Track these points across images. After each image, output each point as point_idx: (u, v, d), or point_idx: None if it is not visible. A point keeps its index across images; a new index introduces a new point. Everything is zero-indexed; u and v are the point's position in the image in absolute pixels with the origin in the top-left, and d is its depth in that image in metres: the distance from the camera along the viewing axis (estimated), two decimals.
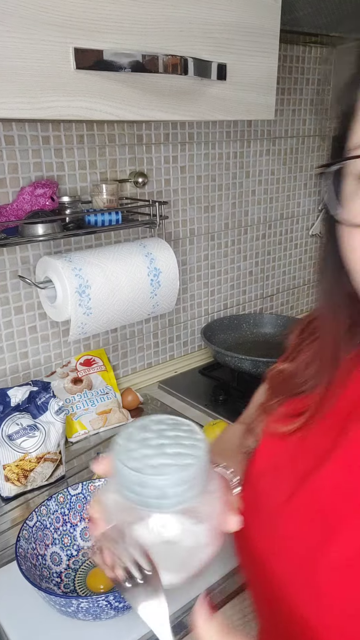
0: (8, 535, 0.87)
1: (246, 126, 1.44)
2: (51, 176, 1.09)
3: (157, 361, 1.44)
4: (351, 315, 0.50)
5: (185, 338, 1.49)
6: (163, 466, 0.35)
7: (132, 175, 1.22)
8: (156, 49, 0.78)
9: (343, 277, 0.45)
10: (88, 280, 1.01)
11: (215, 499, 0.39)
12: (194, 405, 1.26)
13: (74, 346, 1.24)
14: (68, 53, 0.70)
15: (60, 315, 1.04)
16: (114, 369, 1.31)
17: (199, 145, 1.34)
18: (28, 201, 1.02)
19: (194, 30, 0.82)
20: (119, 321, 1.11)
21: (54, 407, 0.98)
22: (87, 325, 1.05)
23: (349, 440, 0.47)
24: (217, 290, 1.53)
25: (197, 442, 0.37)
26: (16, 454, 0.93)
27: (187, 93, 0.86)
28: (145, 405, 1.27)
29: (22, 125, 1.03)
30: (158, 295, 1.13)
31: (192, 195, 1.37)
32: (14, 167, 1.04)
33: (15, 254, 1.08)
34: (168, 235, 1.34)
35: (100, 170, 1.17)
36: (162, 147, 1.27)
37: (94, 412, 1.17)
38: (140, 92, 0.80)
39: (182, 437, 0.37)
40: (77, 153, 1.12)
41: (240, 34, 0.88)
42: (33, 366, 1.18)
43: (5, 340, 1.12)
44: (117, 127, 1.17)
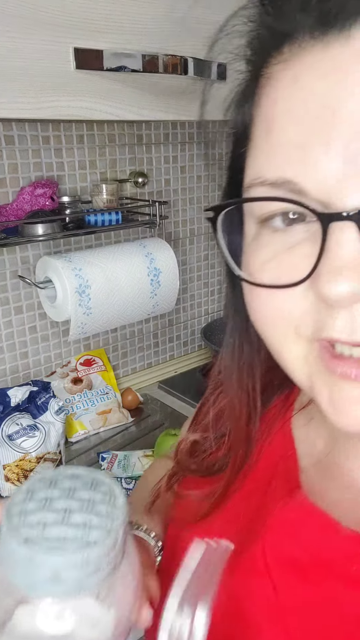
0: None
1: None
2: (51, 176, 1.09)
3: (157, 361, 1.44)
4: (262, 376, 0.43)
5: (185, 338, 1.49)
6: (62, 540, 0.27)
7: (132, 175, 1.22)
8: (156, 49, 0.78)
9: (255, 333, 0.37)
10: (88, 280, 1.01)
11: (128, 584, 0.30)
12: (194, 405, 1.26)
13: (74, 346, 1.24)
14: (68, 53, 0.70)
15: (60, 315, 1.04)
16: (114, 369, 1.31)
17: (199, 145, 1.34)
18: (28, 201, 1.02)
19: (194, 30, 0.82)
20: (118, 321, 1.11)
21: (54, 407, 0.98)
22: (87, 325, 1.05)
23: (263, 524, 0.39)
24: (217, 290, 1.53)
25: (114, 510, 0.29)
26: (16, 454, 0.93)
27: (187, 93, 0.86)
28: (145, 405, 1.27)
29: (22, 125, 1.03)
30: (158, 295, 1.13)
31: (192, 195, 1.37)
32: (14, 167, 1.03)
33: (15, 254, 1.08)
34: (168, 235, 1.34)
35: (100, 170, 1.17)
36: (162, 147, 1.27)
37: (94, 412, 1.17)
38: (140, 92, 0.80)
39: (97, 502, 0.29)
40: (77, 153, 1.12)
41: None
42: (33, 366, 1.18)
43: (5, 340, 1.12)
44: (117, 127, 1.17)
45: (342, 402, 0.30)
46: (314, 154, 0.27)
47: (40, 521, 0.28)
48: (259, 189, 0.30)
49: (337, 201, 0.27)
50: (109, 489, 0.30)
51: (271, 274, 0.30)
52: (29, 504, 0.29)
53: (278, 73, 0.29)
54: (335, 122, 0.26)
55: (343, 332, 0.28)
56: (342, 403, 0.30)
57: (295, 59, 0.28)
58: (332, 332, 0.28)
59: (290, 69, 0.28)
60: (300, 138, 0.27)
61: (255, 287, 0.31)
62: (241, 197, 0.33)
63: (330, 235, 0.27)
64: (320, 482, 0.39)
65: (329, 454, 0.40)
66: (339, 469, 0.39)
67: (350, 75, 0.26)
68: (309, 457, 0.41)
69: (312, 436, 0.42)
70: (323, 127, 0.26)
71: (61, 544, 0.27)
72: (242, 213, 0.34)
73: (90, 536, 0.27)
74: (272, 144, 0.29)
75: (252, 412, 0.43)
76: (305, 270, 0.28)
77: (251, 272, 0.32)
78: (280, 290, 0.30)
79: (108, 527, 0.28)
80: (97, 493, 0.30)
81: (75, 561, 0.26)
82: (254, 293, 0.32)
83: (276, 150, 0.29)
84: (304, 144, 0.27)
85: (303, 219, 0.29)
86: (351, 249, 0.26)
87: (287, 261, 0.30)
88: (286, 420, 0.44)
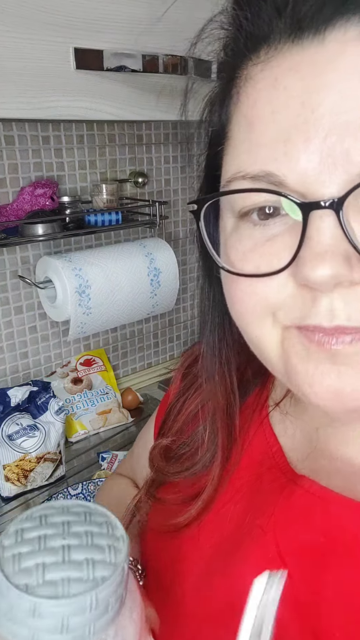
0: None
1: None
2: (51, 176, 1.09)
3: (157, 361, 1.44)
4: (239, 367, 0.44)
5: (185, 338, 1.49)
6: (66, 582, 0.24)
7: (132, 175, 1.22)
8: (156, 49, 0.78)
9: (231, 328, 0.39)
10: (88, 280, 1.01)
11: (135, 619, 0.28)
12: None
13: (74, 346, 1.24)
14: (68, 53, 0.70)
15: (60, 315, 1.04)
16: (114, 369, 1.31)
17: (199, 145, 1.34)
18: (28, 201, 1.02)
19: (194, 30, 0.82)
20: (118, 321, 1.11)
21: (54, 407, 0.98)
22: (87, 325, 1.05)
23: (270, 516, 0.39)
24: None
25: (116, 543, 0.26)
26: (16, 454, 0.93)
27: None
28: (145, 405, 1.27)
29: (22, 125, 1.03)
30: (158, 295, 1.13)
31: (192, 195, 1.37)
32: (14, 167, 1.03)
33: (15, 254, 1.08)
34: (168, 235, 1.34)
35: (100, 170, 1.17)
36: (162, 147, 1.27)
37: (94, 412, 1.17)
38: (140, 92, 0.80)
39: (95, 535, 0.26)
40: (77, 153, 1.12)
41: None
42: (33, 366, 1.18)
43: (5, 340, 1.12)
44: (117, 127, 1.17)
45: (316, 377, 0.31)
46: (295, 149, 0.28)
47: (38, 567, 0.24)
48: (241, 182, 0.31)
49: (316, 192, 0.28)
50: (105, 520, 0.28)
51: (252, 264, 0.32)
52: (22, 547, 0.25)
53: (257, 75, 0.31)
54: (314, 119, 0.28)
55: (324, 318, 0.29)
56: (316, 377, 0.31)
57: (273, 61, 0.30)
58: (314, 318, 0.30)
59: (269, 70, 0.30)
60: (281, 135, 0.29)
61: (237, 277, 0.33)
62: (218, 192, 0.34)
63: (311, 224, 0.28)
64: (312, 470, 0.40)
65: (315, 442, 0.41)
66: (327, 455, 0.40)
67: (326, 76, 0.28)
68: (293, 450, 0.42)
69: (291, 430, 0.43)
70: (303, 125, 0.28)
71: (66, 589, 0.24)
72: (219, 208, 0.36)
73: (95, 575, 0.24)
74: (253, 141, 0.31)
75: (232, 406, 0.44)
76: (286, 258, 0.30)
77: (232, 262, 0.33)
78: (261, 279, 0.31)
79: (112, 562, 0.25)
80: (93, 525, 0.27)
81: (83, 605, 0.23)
82: (235, 283, 0.33)
83: (258, 146, 0.30)
84: (285, 140, 0.29)
85: (278, 213, 0.31)
86: (330, 236, 0.28)
87: (267, 251, 0.31)
88: (263, 418, 0.45)
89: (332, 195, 0.28)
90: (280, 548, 0.38)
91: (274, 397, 0.46)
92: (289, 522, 0.38)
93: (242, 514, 0.41)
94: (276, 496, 0.39)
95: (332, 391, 0.31)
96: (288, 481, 0.40)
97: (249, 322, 0.34)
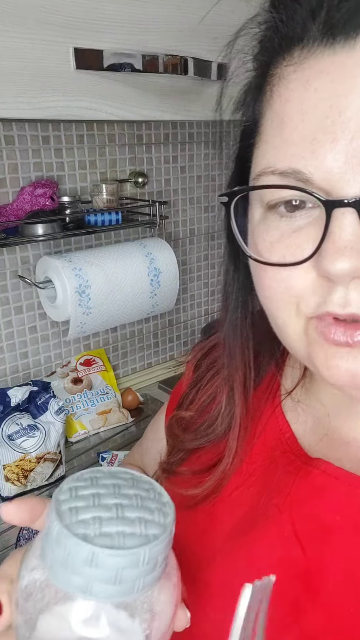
0: (8, 535, 0.87)
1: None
2: (51, 176, 1.09)
3: (157, 361, 1.44)
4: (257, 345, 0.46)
5: (185, 338, 1.49)
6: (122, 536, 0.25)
7: (132, 175, 1.22)
8: (156, 49, 0.78)
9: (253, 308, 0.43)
10: (88, 280, 1.01)
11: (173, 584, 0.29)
12: None
13: (74, 346, 1.24)
14: (68, 53, 0.70)
15: (60, 315, 1.04)
16: (114, 369, 1.31)
17: (199, 145, 1.34)
18: (28, 201, 1.02)
19: (194, 30, 0.82)
20: (118, 321, 1.11)
21: (54, 407, 0.98)
22: (87, 324, 1.05)
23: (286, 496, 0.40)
24: (217, 290, 1.53)
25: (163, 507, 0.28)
26: (16, 454, 0.93)
27: (187, 93, 0.86)
28: (145, 405, 1.27)
29: (22, 125, 1.03)
30: (158, 295, 1.13)
31: (192, 195, 1.37)
32: (14, 167, 1.03)
33: (15, 254, 1.08)
34: (168, 235, 1.34)
35: (100, 170, 1.17)
36: (162, 147, 1.27)
37: (94, 412, 1.17)
38: (140, 92, 0.80)
39: (144, 498, 0.28)
40: (77, 153, 1.12)
41: None
42: (33, 366, 1.18)
43: (5, 340, 1.12)
44: (117, 127, 1.17)
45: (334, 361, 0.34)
46: (322, 149, 0.30)
47: (95, 519, 0.26)
48: (270, 177, 0.33)
49: (340, 190, 0.30)
50: (150, 486, 0.29)
51: (278, 254, 0.34)
52: (77, 502, 0.27)
53: (290, 75, 0.32)
54: (341, 121, 0.29)
55: (339, 305, 0.32)
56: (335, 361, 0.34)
57: (305, 63, 0.31)
58: (329, 305, 0.32)
59: (302, 71, 0.31)
60: (310, 134, 0.31)
61: (264, 265, 0.35)
62: (248, 184, 0.37)
63: (333, 220, 0.30)
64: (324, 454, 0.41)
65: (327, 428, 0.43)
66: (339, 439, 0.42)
67: (354, 80, 0.29)
68: (306, 436, 0.44)
69: (303, 417, 0.45)
70: (331, 126, 0.30)
71: (122, 542, 0.25)
72: (248, 198, 0.38)
73: (148, 532, 0.26)
74: (283, 138, 0.32)
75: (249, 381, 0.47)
76: (309, 250, 0.32)
77: (260, 252, 0.35)
78: (286, 268, 0.34)
79: (162, 522, 0.27)
80: (141, 490, 0.29)
81: (137, 559, 0.25)
82: (263, 271, 0.36)
83: (288, 144, 0.32)
84: (313, 140, 0.30)
85: (304, 206, 0.33)
86: (351, 232, 0.30)
87: (292, 242, 0.33)
88: (275, 406, 0.47)
89: (355, 194, 0.30)
90: (296, 527, 0.39)
91: (286, 386, 0.48)
92: (304, 502, 0.40)
93: (257, 496, 0.43)
94: (292, 477, 0.41)
95: (350, 374, 0.33)
96: (303, 464, 0.41)
97: (276, 308, 0.36)
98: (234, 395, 0.47)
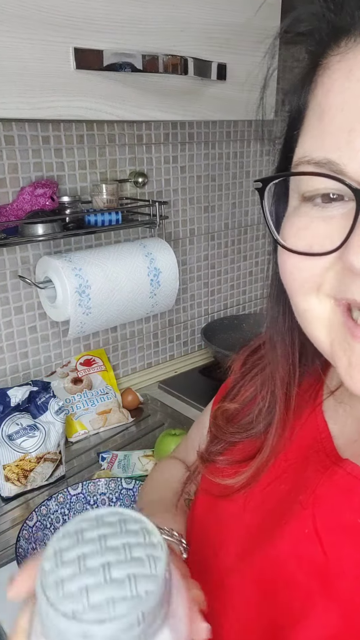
0: (8, 535, 0.87)
1: (246, 126, 1.44)
2: (51, 176, 1.09)
3: (157, 361, 1.44)
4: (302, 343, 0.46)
5: (185, 338, 1.49)
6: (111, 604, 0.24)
7: (132, 175, 1.22)
8: (156, 49, 0.78)
9: None
10: (88, 280, 1.01)
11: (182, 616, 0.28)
12: (194, 405, 1.26)
13: (74, 346, 1.24)
14: (68, 53, 0.70)
15: (60, 315, 1.04)
16: (114, 369, 1.31)
17: (199, 145, 1.34)
18: (28, 201, 1.02)
19: (194, 30, 0.83)
20: (118, 320, 1.11)
21: (54, 407, 0.98)
22: (86, 324, 1.05)
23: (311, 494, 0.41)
24: (217, 290, 1.53)
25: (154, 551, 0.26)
26: (16, 454, 0.93)
27: (187, 93, 0.86)
28: (145, 405, 1.27)
29: (22, 125, 1.03)
30: (158, 295, 1.13)
31: (192, 195, 1.37)
32: (14, 167, 1.03)
33: (15, 254, 1.08)
34: (168, 235, 1.34)
35: (100, 170, 1.17)
36: (162, 147, 1.27)
37: (94, 412, 1.17)
38: (140, 92, 0.80)
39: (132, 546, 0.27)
40: (77, 153, 1.12)
41: (240, 34, 0.88)
42: (33, 366, 1.18)
43: (5, 340, 1.12)
44: (117, 127, 1.17)
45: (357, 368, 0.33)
46: (357, 139, 0.30)
47: (81, 590, 0.25)
48: (305, 167, 0.33)
49: None
50: (140, 526, 0.28)
51: (305, 241, 0.34)
52: (63, 570, 0.26)
53: (334, 65, 0.32)
54: None
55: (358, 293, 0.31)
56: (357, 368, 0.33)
57: (350, 53, 0.31)
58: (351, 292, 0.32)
59: (346, 61, 0.31)
60: (347, 124, 0.30)
61: (289, 252, 0.35)
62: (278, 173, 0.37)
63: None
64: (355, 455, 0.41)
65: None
66: None
67: None
68: (342, 437, 0.44)
69: (343, 417, 0.45)
70: None
71: (112, 611, 0.24)
72: (288, 188, 0.37)
73: (138, 590, 0.25)
74: (321, 129, 0.32)
75: (292, 378, 0.47)
76: (338, 241, 0.31)
77: (286, 238, 0.35)
78: (311, 257, 0.33)
79: (154, 573, 0.25)
80: (130, 535, 0.27)
81: (131, 623, 0.24)
82: (287, 257, 0.35)
83: (325, 134, 0.32)
84: (350, 130, 0.30)
85: (342, 199, 0.33)
86: None
87: (321, 230, 0.33)
88: (317, 405, 0.47)
89: None
90: (317, 524, 0.39)
91: (330, 386, 0.48)
92: (328, 501, 0.40)
93: (286, 493, 0.43)
94: (319, 476, 0.41)
95: None
96: (331, 463, 0.41)
97: (297, 294, 0.36)
98: (275, 392, 0.47)
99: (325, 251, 0.32)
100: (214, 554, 0.46)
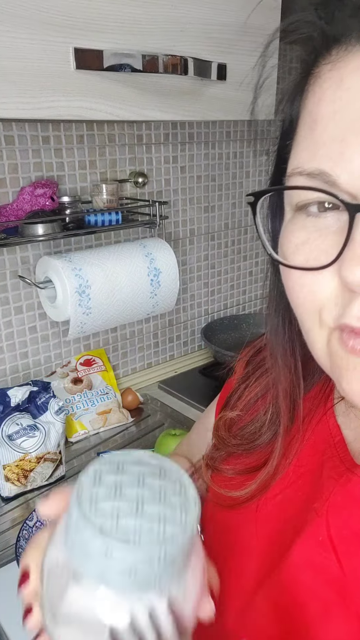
0: (8, 535, 0.87)
1: (246, 126, 1.44)
2: (51, 176, 1.09)
3: (157, 361, 1.44)
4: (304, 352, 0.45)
5: (185, 338, 1.49)
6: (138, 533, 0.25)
7: (132, 175, 1.22)
8: (156, 49, 0.78)
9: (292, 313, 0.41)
10: (88, 280, 1.01)
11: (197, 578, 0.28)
12: (194, 405, 1.26)
13: (74, 346, 1.24)
14: (68, 53, 0.70)
15: (60, 315, 1.04)
16: (114, 369, 1.31)
17: (199, 145, 1.34)
18: (28, 201, 1.02)
19: (194, 30, 0.82)
20: (118, 321, 1.11)
21: (54, 407, 0.98)
22: (86, 324, 1.05)
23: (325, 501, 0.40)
24: (217, 290, 1.53)
25: (187, 503, 0.27)
26: (16, 454, 0.93)
27: (187, 93, 0.86)
28: (145, 405, 1.27)
29: (22, 125, 1.03)
30: (158, 296, 1.13)
31: (192, 195, 1.37)
32: (14, 167, 1.03)
33: (15, 254, 1.08)
34: (168, 235, 1.34)
35: (100, 170, 1.17)
36: (162, 147, 1.27)
37: (94, 412, 1.17)
38: (140, 92, 0.80)
39: (168, 491, 0.27)
40: (77, 153, 1.12)
41: (240, 34, 0.88)
42: (33, 366, 1.18)
43: (5, 340, 1.12)
44: (117, 127, 1.17)
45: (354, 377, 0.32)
46: (350, 150, 0.29)
47: (113, 510, 0.26)
48: (298, 178, 0.32)
49: None
50: (178, 477, 0.28)
51: (302, 256, 0.33)
52: (99, 489, 0.26)
53: (325, 74, 0.32)
54: None
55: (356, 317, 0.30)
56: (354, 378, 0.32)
57: (341, 61, 0.30)
58: (347, 317, 0.31)
59: (337, 70, 0.31)
60: (339, 134, 0.30)
61: (289, 268, 0.34)
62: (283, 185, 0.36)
63: (356, 225, 0.29)
64: None
65: None
66: None
67: None
68: (355, 442, 0.43)
69: (355, 422, 0.44)
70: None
71: (138, 538, 0.25)
72: (283, 200, 0.37)
73: (166, 530, 0.25)
74: (313, 139, 0.31)
75: (296, 389, 0.46)
76: (333, 255, 0.31)
77: (285, 254, 0.34)
78: (309, 272, 0.32)
79: (183, 522, 0.26)
80: (167, 482, 0.28)
81: (151, 557, 0.24)
82: (288, 274, 0.35)
83: (317, 144, 0.31)
84: (342, 140, 0.29)
85: (337, 208, 0.32)
86: None
87: (317, 246, 0.32)
88: (327, 409, 0.46)
89: None
90: (331, 532, 0.39)
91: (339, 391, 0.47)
92: (342, 508, 0.39)
93: (304, 501, 0.42)
94: (333, 482, 0.41)
95: None
96: (346, 470, 0.41)
97: (302, 313, 0.35)
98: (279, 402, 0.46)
99: (320, 265, 0.31)
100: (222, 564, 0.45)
